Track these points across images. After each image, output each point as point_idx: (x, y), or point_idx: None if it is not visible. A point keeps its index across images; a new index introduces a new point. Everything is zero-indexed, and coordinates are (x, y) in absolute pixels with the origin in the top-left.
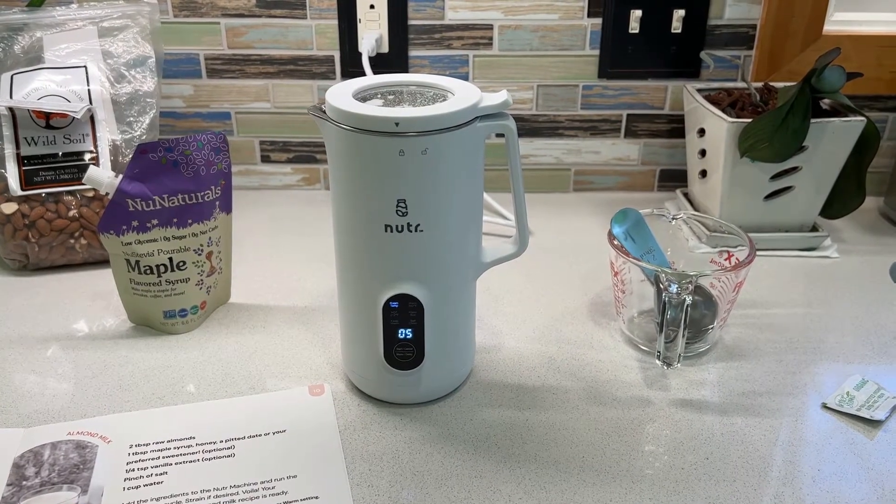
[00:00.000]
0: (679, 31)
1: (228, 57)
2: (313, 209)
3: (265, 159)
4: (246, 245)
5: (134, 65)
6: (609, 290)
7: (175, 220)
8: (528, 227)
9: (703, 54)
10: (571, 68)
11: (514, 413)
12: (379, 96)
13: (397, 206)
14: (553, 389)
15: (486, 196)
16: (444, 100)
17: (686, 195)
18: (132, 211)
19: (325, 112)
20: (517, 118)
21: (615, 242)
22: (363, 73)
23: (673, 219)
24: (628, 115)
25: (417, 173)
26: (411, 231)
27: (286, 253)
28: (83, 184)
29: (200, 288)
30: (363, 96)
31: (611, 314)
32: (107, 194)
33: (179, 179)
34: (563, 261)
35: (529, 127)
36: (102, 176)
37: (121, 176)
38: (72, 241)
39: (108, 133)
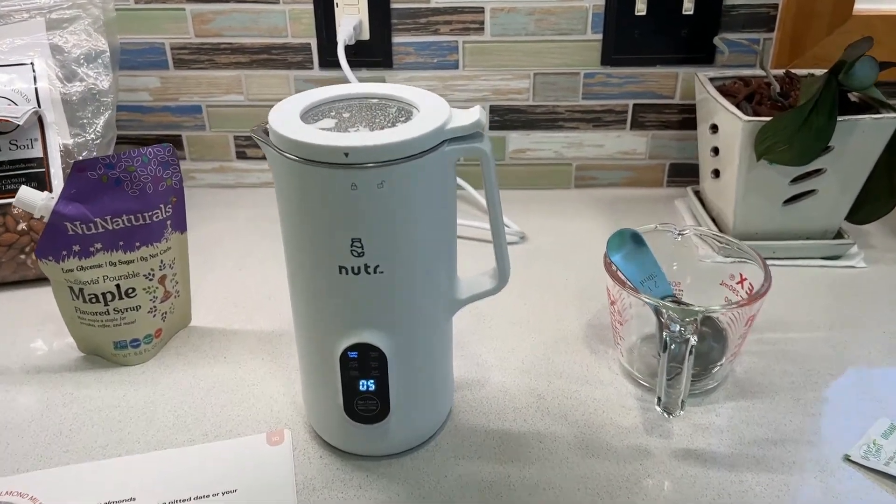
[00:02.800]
0: (691, 12)
1: (196, 46)
2: None
3: (240, 156)
4: (215, 254)
5: (86, 60)
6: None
7: (121, 243)
8: (508, 260)
9: (716, 40)
10: (572, 54)
11: (495, 467)
12: (333, 114)
13: (352, 245)
14: (540, 436)
15: (476, 195)
16: (407, 119)
17: (697, 193)
18: (72, 235)
19: (268, 135)
20: (512, 109)
21: (612, 269)
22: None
23: (679, 234)
24: (635, 105)
25: (373, 209)
26: (369, 273)
27: (258, 262)
28: None
29: (154, 315)
30: (314, 114)
31: (609, 340)
32: (41, 218)
33: (123, 199)
34: (560, 268)
35: (526, 119)
36: (35, 197)
37: (56, 197)
38: (22, 256)
39: (58, 137)
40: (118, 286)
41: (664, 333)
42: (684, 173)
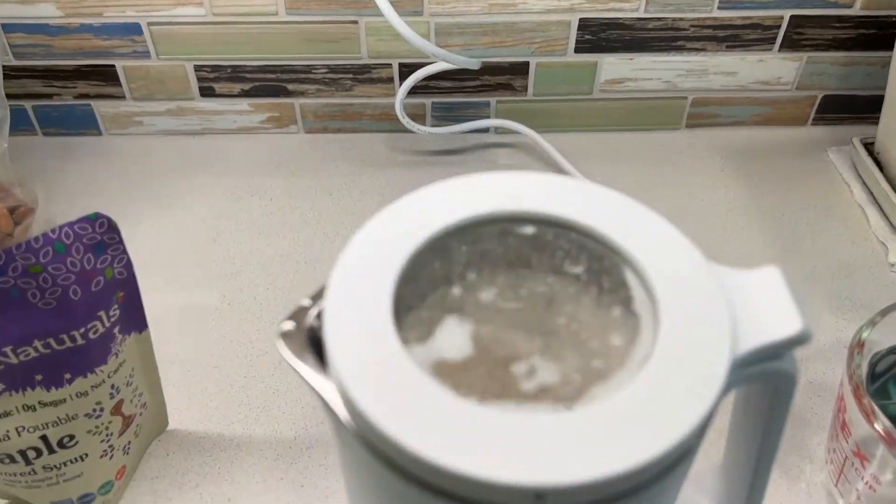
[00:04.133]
0: None
1: None
2: (292, 164)
3: (206, 92)
4: (182, 267)
5: None
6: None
7: (39, 378)
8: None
9: None
10: None
11: None
12: (456, 291)
13: None
14: None
15: (543, 142)
16: (627, 308)
17: (869, 147)
18: None
19: (322, 357)
20: (613, 24)
21: (863, 401)
22: None
23: None
24: (792, 18)
25: None
26: None
27: (252, 273)
28: None
29: (111, 458)
30: (418, 289)
31: (802, 448)
32: None
33: (31, 316)
34: None
35: (631, 38)
36: None
37: None
38: None
39: None
40: (45, 438)
41: None
42: (839, 108)
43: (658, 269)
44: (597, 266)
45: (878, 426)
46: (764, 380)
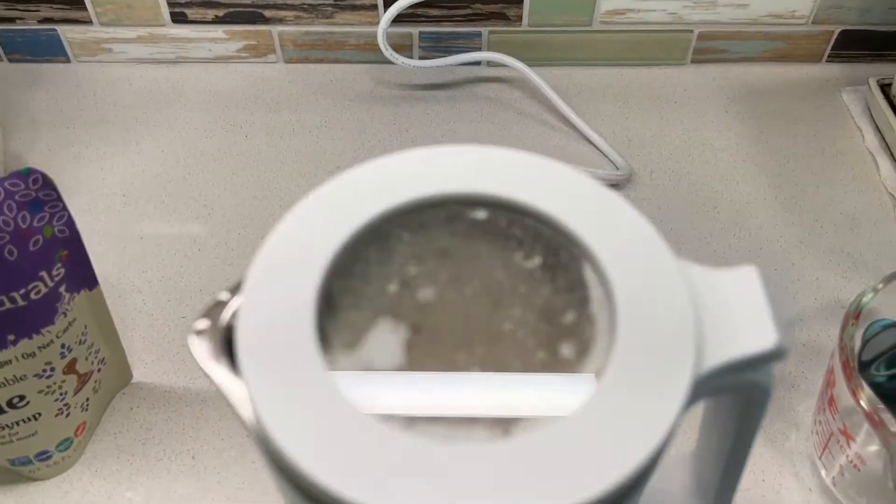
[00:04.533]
0: None
1: None
2: (269, 97)
3: (178, 18)
4: (151, 200)
5: None
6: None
7: None
8: None
9: None
10: None
11: None
12: (394, 285)
13: None
14: None
15: (554, 96)
16: (581, 309)
17: (886, 88)
18: None
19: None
20: None
21: (852, 376)
22: None
23: None
24: None
25: None
26: None
27: (224, 216)
28: None
29: (67, 416)
30: (348, 286)
31: (786, 415)
32: None
33: None
34: (677, 235)
35: None
36: None
37: None
38: None
39: None
40: None
41: None
42: (858, 44)
43: (621, 266)
44: (553, 260)
45: (863, 404)
46: (734, 391)
